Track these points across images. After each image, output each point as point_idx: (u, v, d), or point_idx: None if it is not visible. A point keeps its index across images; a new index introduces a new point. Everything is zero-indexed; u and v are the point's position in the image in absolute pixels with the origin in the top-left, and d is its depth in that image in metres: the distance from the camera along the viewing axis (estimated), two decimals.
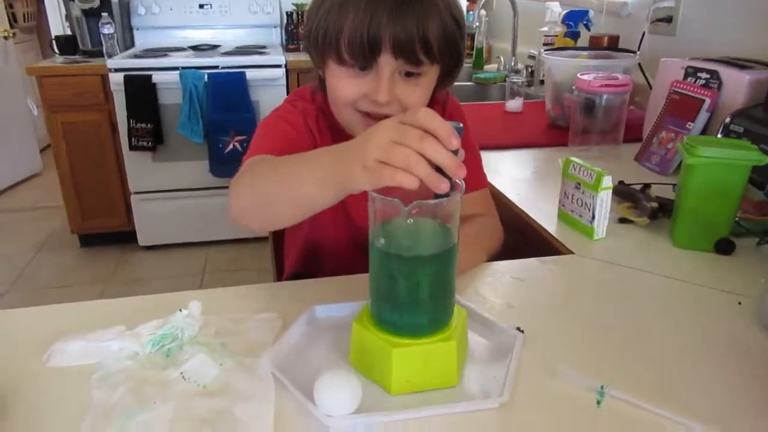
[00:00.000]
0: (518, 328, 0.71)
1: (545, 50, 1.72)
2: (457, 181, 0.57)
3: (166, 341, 0.67)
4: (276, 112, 0.95)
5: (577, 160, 0.99)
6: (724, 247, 0.93)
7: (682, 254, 0.94)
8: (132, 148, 2.74)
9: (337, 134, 0.90)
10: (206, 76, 2.67)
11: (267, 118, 0.94)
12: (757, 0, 1.42)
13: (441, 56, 0.79)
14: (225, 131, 2.76)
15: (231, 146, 2.78)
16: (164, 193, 2.89)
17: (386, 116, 0.79)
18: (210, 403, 0.59)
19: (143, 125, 2.71)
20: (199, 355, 0.64)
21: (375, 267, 0.61)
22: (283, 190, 0.66)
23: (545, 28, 2.08)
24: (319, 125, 0.92)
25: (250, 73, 2.72)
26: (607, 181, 0.94)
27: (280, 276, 1.28)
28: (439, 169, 0.52)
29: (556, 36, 2.03)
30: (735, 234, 0.95)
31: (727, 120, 1.20)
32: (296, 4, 3.23)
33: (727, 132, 1.19)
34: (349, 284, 0.83)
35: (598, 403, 0.61)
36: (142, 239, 2.96)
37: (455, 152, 0.52)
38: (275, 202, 0.68)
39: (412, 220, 0.56)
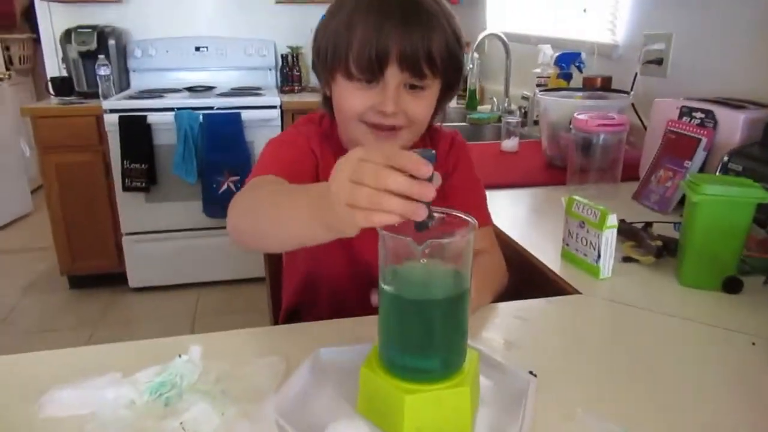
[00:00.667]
0: (531, 372, 0.69)
1: (540, 91, 1.74)
2: (468, 218, 0.56)
3: (165, 389, 0.64)
4: (281, 135, 0.98)
5: (580, 198, 0.99)
6: (732, 285, 0.92)
7: (690, 293, 0.93)
8: (125, 188, 2.72)
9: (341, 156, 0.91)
10: (201, 117, 2.69)
11: (271, 141, 0.96)
12: (744, 44, 1.45)
13: (444, 69, 0.83)
14: (219, 171, 2.75)
15: (225, 186, 2.77)
16: (157, 234, 2.86)
17: (392, 128, 0.83)
18: None
19: (137, 166, 2.70)
20: (200, 404, 0.61)
21: (385, 310, 0.59)
22: (274, 223, 0.67)
23: (538, 70, 2.12)
24: (323, 148, 0.94)
25: (245, 114, 2.74)
26: (612, 220, 0.93)
27: (276, 314, 1.26)
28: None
29: (549, 77, 2.06)
30: (741, 272, 0.94)
31: (726, 159, 1.21)
32: (291, 47, 3.28)
33: (726, 170, 1.20)
34: (354, 326, 0.81)
35: None
36: (133, 281, 2.91)
37: (430, 179, 0.50)
38: (267, 233, 0.70)
39: (425, 260, 0.54)
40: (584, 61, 1.97)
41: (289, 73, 3.19)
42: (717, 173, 1.21)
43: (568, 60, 1.99)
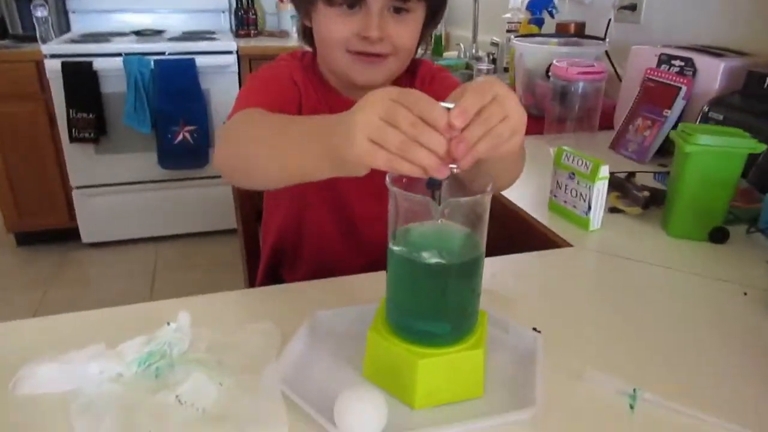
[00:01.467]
0: (534, 329, 0.67)
1: (516, 37, 1.69)
2: (486, 175, 0.52)
3: (154, 359, 0.60)
4: (261, 69, 0.91)
5: (570, 149, 0.96)
6: (719, 235, 0.92)
7: (678, 244, 0.93)
8: (72, 140, 2.55)
9: (322, 91, 0.89)
10: (152, 63, 2.52)
11: (252, 76, 0.90)
12: None
13: None
14: (174, 121, 2.61)
15: (181, 137, 2.64)
16: (109, 187, 2.72)
17: (378, 55, 0.80)
18: (216, 431, 0.52)
19: (84, 115, 2.53)
20: (196, 375, 0.57)
21: (395, 272, 0.56)
22: (276, 154, 0.63)
23: (508, 15, 2.06)
24: (305, 81, 0.89)
25: (199, 60, 2.58)
26: (605, 171, 0.91)
27: (251, 271, 1.21)
28: None
29: (520, 23, 2.01)
30: (726, 222, 0.95)
31: (706, 108, 1.20)
32: None
33: (706, 120, 1.19)
34: (348, 286, 0.77)
35: (631, 407, 0.58)
36: (86, 236, 2.78)
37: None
38: (266, 166, 0.65)
39: (442, 221, 0.51)
40: (556, 6, 1.92)
41: (244, 16, 3.02)
42: (697, 122, 1.21)
43: (539, 5, 1.94)
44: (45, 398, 0.57)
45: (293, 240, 0.98)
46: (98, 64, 2.48)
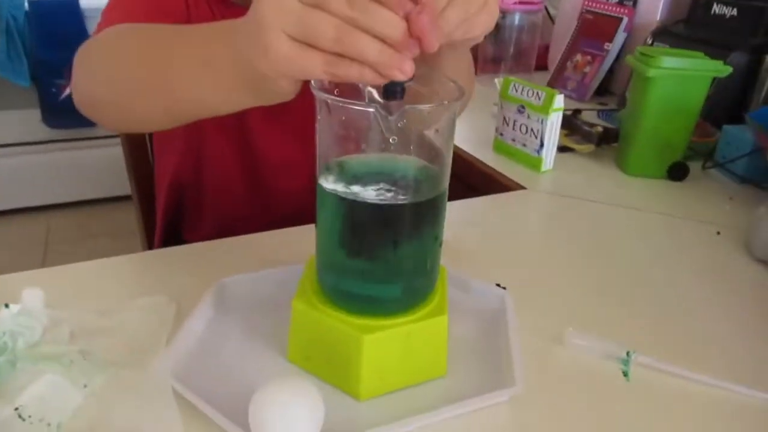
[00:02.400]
0: (498, 285, 0.55)
1: None
2: (452, 82, 0.38)
3: None
4: None
5: (518, 79, 0.84)
6: (679, 172, 0.84)
7: (636, 182, 0.84)
8: None
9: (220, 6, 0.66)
10: (27, 4, 2.18)
11: None
12: None
13: None
14: (58, 73, 2.28)
15: (68, 90, 2.31)
16: None
17: None
18: None
19: None
20: (46, 377, 0.40)
21: (328, 220, 0.41)
22: (160, 84, 0.45)
23: None
24: None
25: (84, 1, 2.26)
26: (559, 101, 0.80)
27: (150, 240, 1.02)
28: None
29: None
30: (684, 158, 0.86)
31: (650, 40, 1.12)
32: None
33: None
34: (263, 244, 0.61)
35: (625, 374, 0.47)
36: None
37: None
38: (146, 100, 0.47)
39: (395, 140, 0.36)
40: None
41: None
42: None
43: None
44: None
45: (191, 186, 0.79)
46: None
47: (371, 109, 0.34)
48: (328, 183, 0.39)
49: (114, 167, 2.54)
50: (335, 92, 0.38)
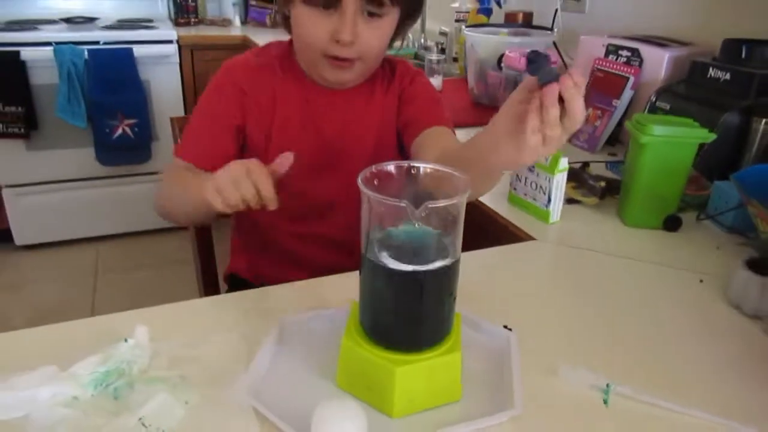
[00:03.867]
0: (506, 326, 0.67)
1: (467, 27, 1.69)
2: (460, 175, 0.51)
3: (111, 379, 0.56)
4: (206, 90, 0.94)
5: None
6: (673, 224, 0.95)
7: (634, 233, 0.95)
8: (0, 135, 2.40)
9: (297, 80, 0.92)
10: (86, 53, 2.38)
11: (197, 105, 0.94)
12: None
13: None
14: (112, 114, 2.48)
15: (120, 131, 2.51)
16: (43, 185, 2.57)
17: (346, 59, 0.83)
18: None
19: (12, 109, 2.38)
20: (161, 395, 0.53)
21: (370, 278, 0.54)
22: (181, 206, 0.85)
23: (456, 4, 2.05)
24: (267, 73, 0.92)
25: (137, 50, 2.46)
26: (564, 163, 0.92)
27: (204, 267, 1.17)
28: None
29: (468, 12, 2.01)
30: (678, 210, 0.97)
31: (653, 98, 1.23)
32: None
33: (654, 108, 1.22)
34: (316, 287, 0.75)
35: (605, 402, 0.58)
36: (20, 238, 2.62)
37: None
38: (177, 213, 0.88)
39: (418, 224, 0.49)
40: None
41: (183, 3, 2.89)
42: (645, 111, 1.24)
43: None
44: None
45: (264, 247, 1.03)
46: (26, 54, 2.33)
47: (402, 204, 0.47)
48: (369, 253, 0.52)
49: None
50: (375, 182, 0.52)
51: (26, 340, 0.64)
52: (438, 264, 0.51)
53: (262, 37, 2.55)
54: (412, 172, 0.55)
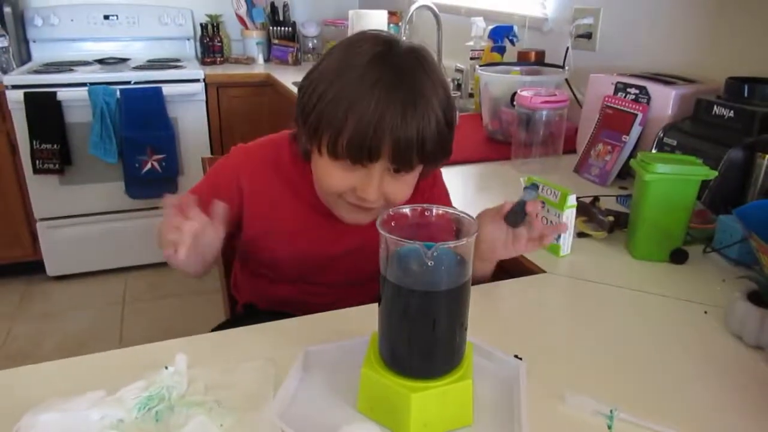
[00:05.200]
0: (516, 356, 0.71)
1: (480, 67, 1.76)
2: (471, 219, 0.57)
3: (153, 403, 0.61)
4: (215, 165, 0.99)
5: (539, 179, 1.02)
6: (679, 257, 0.99)
7: (641, 265, 0.99)
8: (36, 171, 2.52)
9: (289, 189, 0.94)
10: (118, 92, 2.51)
11: (208, 172, 1.01)
12: (670, 20, 1.53)
13: (432, 156, 0.81)
14: (141, 150, 2.60)
15: (149, 165, 2.63)
16: (75, 218, 2.68)
17: (372, 208, 0.84)
18: None
19: (48, 146, 2.51)
20: (198, 418, 0.59)
21: (386, 305, 0.59)
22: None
23: (471, 43, 2.13)
24: (258, 178, 0.94)
25: (166, 89, 2.59)
26: (572, 200, 0.97)
27: (230, 297, 1.23)
28: None
29: (483, 50, 2.08)
30: (684, 243, 1.01)
31: (661, 134, 1.28)
32: (210, 15, 3.12)
33: (661, 145, 1.27)
34: (338, 319, 0.80)
35: (609, 427, 0.62)
36: (51, 269, 2.73)
37: None
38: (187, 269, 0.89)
39: (432, 263, 0.54)
40: (517, 34, 2.01)
41: (209, 44, 3.03)
42: (653, 147, 1.28)
43: (501, 33, 2.02)
44: None
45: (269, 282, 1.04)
46: (62, 94, 2.47)
47: (418, 245, 0.53)
48: (388, 275, 0.58)
49: None
50: (392, 223, 0.58)
51: (74, 367, 0.70)
52: (447, 285, 0.56)
53: (284, 75, 2.65)
54: (426, 214, 0.61)
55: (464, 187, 1.39)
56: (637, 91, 1.40)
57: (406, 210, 0.61)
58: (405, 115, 0.74)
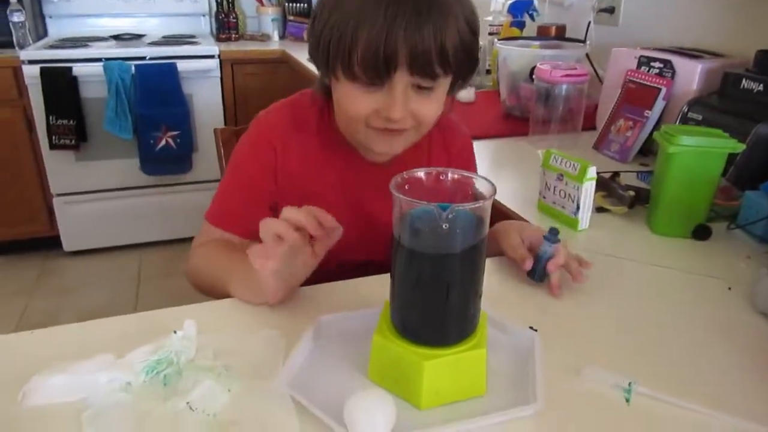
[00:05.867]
0: (531, 327, 0.69)
1: (499, 40, 1.72)
2: (489, 182, 0.55)
3: (161, 367, 0.60)
4: (239, 143, 0.94)
5: (557, 151, 0.99)
6: (702, 233, 0.96)
7: (662, 241, 0.96)
8: (53, 146, 2.53)
9: (336, 148, 0.90)
10: (133, 68, 2.50)
11: (231, 160, 0.94)
12: None
13: (457, 67, 0.75)
14: (156, 126, 2.60)
15: (163, 142, 2.62)
16: (91, 194, 2.69)
17: (401, 130, 0.78)
18: None
19: (64, 122, 2.51)
20: (206, 382, 0.58)
21: (399, 271, 0.57)
22: (214, 285, 0.82)
23: (490, 18, 2.09)
24: (292, 138, 0.90)
25: (181, 65, 2.57)
26: (592, 172, 0.94)
27: None
28: None
29: (502, 26, 2.04)
30: (708, 220, 0.98)
31: (685, 109, 1.24)
32: None
33: (685, 120, 1.23)
34: (350, 290, 0.79)
35: (627, 400, 0.60)
36: (68, 245, 2.75)
37: None
38: (214, 292, 0.82)
39: (446, 226, 0.52)
40: (537, 9, 1.96)
41: (225, 20, 3.01)
42: (677, 122, 1.24)
43: (520, 8, 1.97)
44: (54, 409, 0.57)
45: None
46: (78, 69, 2.46)
47: (432, 207, 0.51)
48: (401, 241, 0.56)
49: (201, 209, 2.82)
50: (406, 186, 0.56)
51: (84, 332, 0.70)
52: (464, 246, 0.54)
53: (299, 52, 2.63)
54: (441, 178, 0.59)
55: (480, 162, 1.36)
56: (662, 65, 1.35)
57: (421, 174, 0.59)
58: (419, 20, 0.70)
